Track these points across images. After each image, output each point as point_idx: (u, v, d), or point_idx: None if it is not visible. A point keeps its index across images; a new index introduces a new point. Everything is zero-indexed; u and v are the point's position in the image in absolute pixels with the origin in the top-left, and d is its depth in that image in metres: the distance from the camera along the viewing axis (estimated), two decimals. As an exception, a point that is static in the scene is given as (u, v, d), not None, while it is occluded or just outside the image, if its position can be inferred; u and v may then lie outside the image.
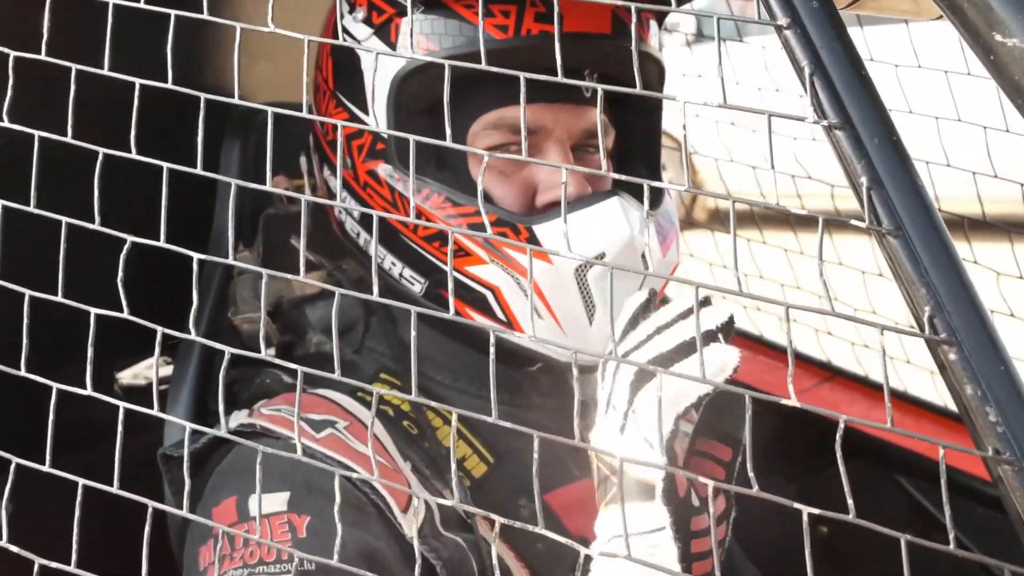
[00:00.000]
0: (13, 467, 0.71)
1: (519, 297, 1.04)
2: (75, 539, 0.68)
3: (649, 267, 1.02)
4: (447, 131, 0.65)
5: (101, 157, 0.69)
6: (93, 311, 0.69)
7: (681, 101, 0.62)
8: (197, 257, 0.67)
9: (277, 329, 1.20)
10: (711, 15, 0.62)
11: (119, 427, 0.67)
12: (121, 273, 0.68)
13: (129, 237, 0.68)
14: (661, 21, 1.21)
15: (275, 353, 1.18)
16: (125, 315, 0.68)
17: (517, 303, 1.04)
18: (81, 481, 0.68)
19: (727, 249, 1.98)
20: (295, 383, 0.97)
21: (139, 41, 0.86)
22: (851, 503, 0.54)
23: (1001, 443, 0.55)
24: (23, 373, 0.71)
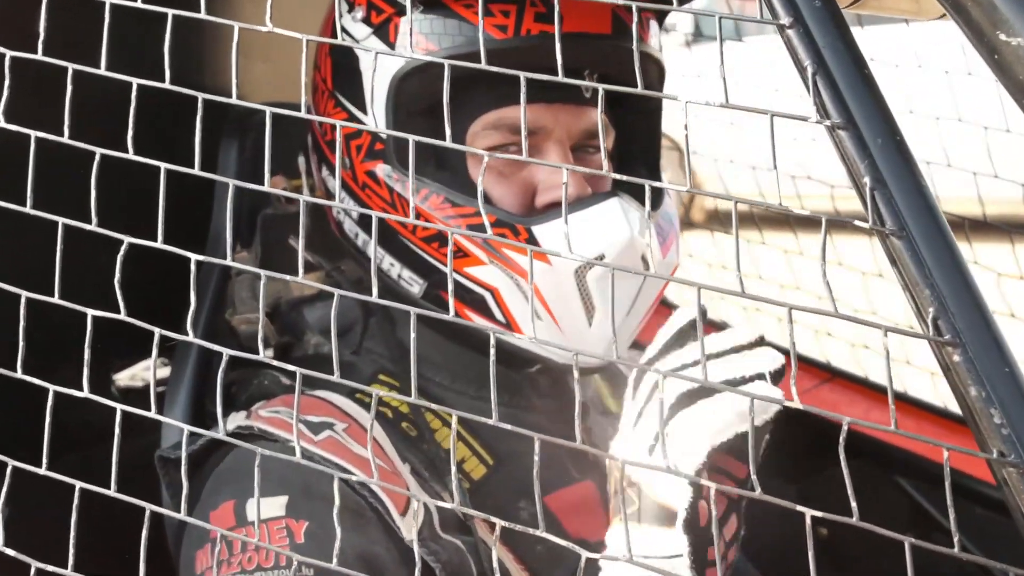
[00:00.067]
0: (9, 470, 0.70)
1: (518, 298, 1.03)
2: (72, 541, 0.68)
3: (650, 268, 1.02)
4: (446, 131, 0.64)
5: (98, 157, 0.69)
6: (90, 312, 0.68)
7: (683, 101, 0.61)
8: (195, 258, 0.67)
9: (275, 330, 1.20)
10: (713, 14, 0.62)
11: (116, 429, 0.66)
12: (118, 274, 0.68)
13: (126, 238, 0.68)
14: (662, 21, 1.20)
15: (273, 354, 1.18)
16: (122, 316, 0.67)
17: (516, 304, 1.03)
18: (78, 484, 0.67)
19: (726, 249, 1.98)
20: (293, 384, 0.96)
21: (136, 41, 0.85)
22: (854, 505, 0.54)
23: (1006, 445, 0.55)
24: (20, 375, 0.71)
